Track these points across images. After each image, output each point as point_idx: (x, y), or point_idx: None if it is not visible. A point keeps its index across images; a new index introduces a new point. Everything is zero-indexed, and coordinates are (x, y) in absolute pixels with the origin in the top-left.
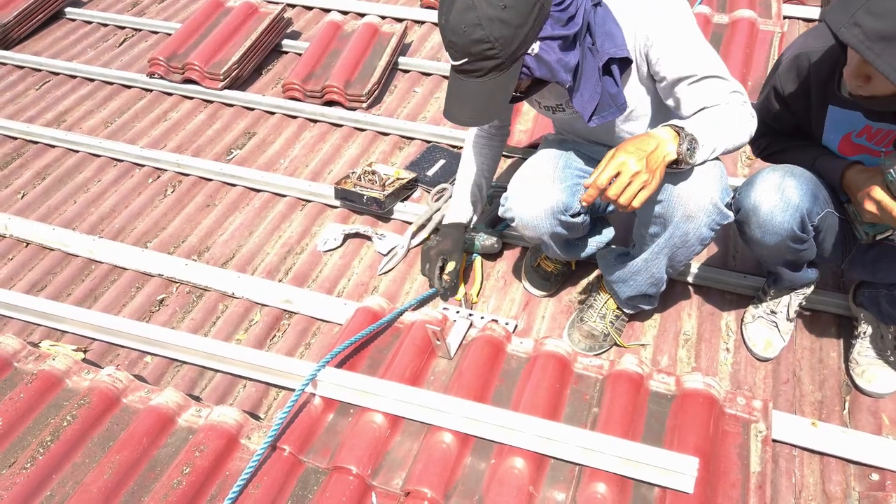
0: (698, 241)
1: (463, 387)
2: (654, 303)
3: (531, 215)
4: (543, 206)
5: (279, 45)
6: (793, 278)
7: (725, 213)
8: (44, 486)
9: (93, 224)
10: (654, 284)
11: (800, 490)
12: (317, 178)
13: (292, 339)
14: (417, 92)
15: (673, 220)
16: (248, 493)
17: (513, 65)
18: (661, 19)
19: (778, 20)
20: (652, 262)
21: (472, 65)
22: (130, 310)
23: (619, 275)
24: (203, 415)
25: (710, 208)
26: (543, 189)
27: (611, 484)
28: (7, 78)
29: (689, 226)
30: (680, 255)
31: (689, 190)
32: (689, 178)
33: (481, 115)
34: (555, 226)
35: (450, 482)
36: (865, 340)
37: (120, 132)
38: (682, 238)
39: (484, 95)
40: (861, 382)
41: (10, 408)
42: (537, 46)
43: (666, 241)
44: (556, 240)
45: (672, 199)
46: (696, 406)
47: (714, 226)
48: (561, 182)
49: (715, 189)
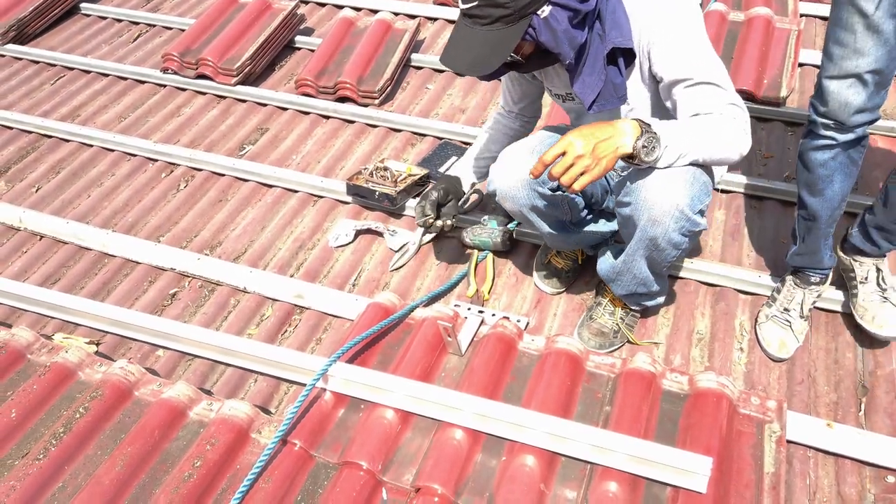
0: (671, 246)
1: (474, 384)
2: (658, 298)
3: (508, 185)
4: (520, 176)
5: (292, 41)
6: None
7: (695, 221)
8: (56, 477)
9: (106, 218)
10: (642, 284)
11: (814, 492)
12: (329, 173)
13: (303, 334)
14: (430, 89)
15: (639, 224)
16: (259, 487)
17: (520, 20)
18: (667, 19)
19: (794, 18)
20: (630, 263)
21: (481, 9)
22: (143, 303)
23: (608, 274)
24: (214, 408)
25: (675, 214)
26: (522, 159)
27: (623, 483)
28: (23, 73)
29: (656, 230)
30: (656, 257)
31: (654, 194)
32: (655, 182)
33: (477, 66)
34: (533, 197)
35: (460, 479)
36: (868, 285)
37: (133, 127)
38: (652, 242)
39: (486, 46)
40: (873, 329)
41: (23, 399)
42: (548, 10)
43: (637, 243)
44: (539, 215)
45: (638, 203)
46: (710, 405)
47: (684, 232)
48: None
49: (681, 195)
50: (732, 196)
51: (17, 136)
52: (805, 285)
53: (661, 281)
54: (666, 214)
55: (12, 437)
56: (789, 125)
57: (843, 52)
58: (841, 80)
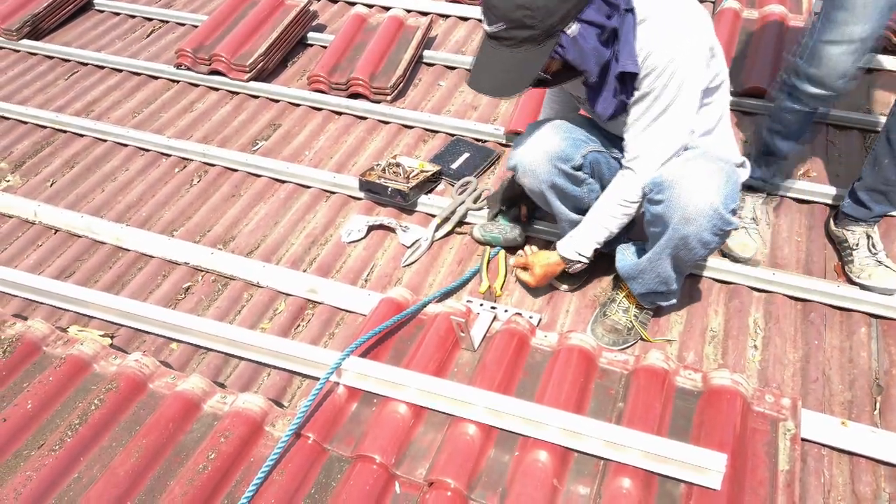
0: (701, 245)
1: (486, 379)
2: (672, 299)
3: (530, 158)
4: (543, 149)
5: (305, 37)
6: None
7: (728, 220)
8: (72, 468)
9: (120, 212)
10: (662, 283)
11: (829, 490)
12: (341, 169)
13: (316, 328)
14: (442, 85)
15: (671, 223)
16: (273, 480)
17: (547, 40)
18: (662, 75)
19: (808, 15)
20: (656, 262)
21: (507, 32)
22: (157, 297)
23: (629, 271)
24: (228, 402)
25: (710, 213)
26: (545, 135)
27: (636, 479)
28: (37, 68)
29: (689, 229)
30: (684, 256)
31: (689, 192)
32: (691, 180)
33: (505, 88)
34: (554, 174)
35: (473, 473)
36: (860, 251)
37: (147, 122)
38: (682, 241)
39: (513, 67)
40: (870, 282)
41: (39, 391)
42: (576, 28)
43: (667, 241)
44: (558, 194)
45: (671, 201)
46: (724, 403)
47: (716, 231)
48: (563, 132)
49: (716, 194)
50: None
51: (31, 131)
52: (752, 194)
53: (679, 280)
54: (700, 213)
55: (28, 427)
56: None
57: (847, 17)
58: (840, 45)
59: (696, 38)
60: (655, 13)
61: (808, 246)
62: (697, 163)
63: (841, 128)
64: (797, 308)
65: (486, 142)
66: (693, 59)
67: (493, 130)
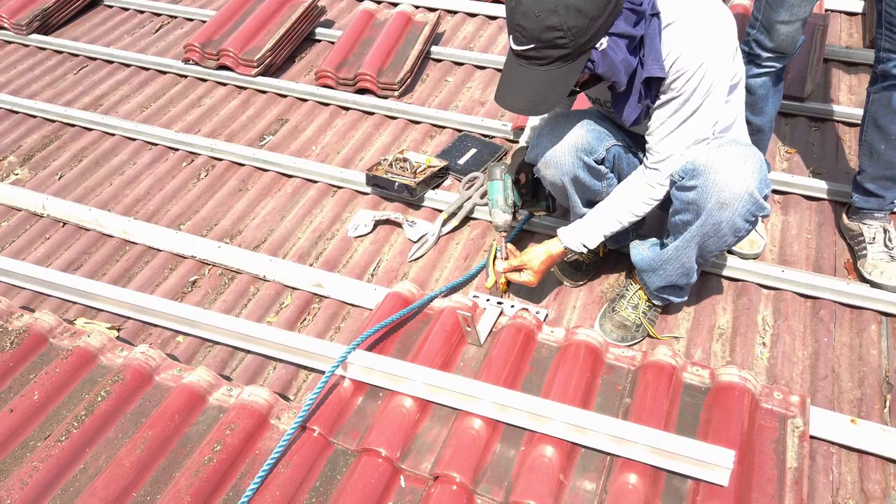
0: (731, 232)
1: (493, 374)
2: (684, 295)
3: (555, 150)
4: (568, 140)
5: (312, 33)
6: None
7: (762, 205)
8: (78, 458)
9: (128, 206)
10: (684, 275)
11: (837, 488)
12: (348, 164)
13: (322, 322)
14: (449, 81)
15: (706, 208)
16: (278, 472)
17: (579, 57)
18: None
19: (819, 12)
20: (683, 250)
21: (538, 52)
22: (163, 290)
23: (650, 263)
24: (234, 394)
25: (745, 197)
26: (569, 126)
27: (643, 475)
28: (46, 62)
29: (723, 214)
30: (711, 244)
31: (724, 177)
32: (725, 165)
33: (538, 106)
34: (577, 166)
35: (479, 468)
36: (876, 245)
37: (155, 116)
38: (715, 227)
39: (544, 85)
40: (882, 280)
41: (45, 382)
42: (605, 41)
43: (698, 228)
44: (578, 187)
45: (707, 186)
46: (731, 399)
47: (749, 216)
48: (587, 124)
49: (752, 178)
50: None
51: (40, 125)
52: None
53: (696, 274)
54: (736, 198)
55: (35, 418)
56: (813, 120)
57: (797, 2)
58: (793, 24)
59: (725, 40)
60: (683, 16)
61: (817, 243)
62: (731, 148)
63: (850, 125)
64: (806, 305)
65: (494, 137)
66: (722, 61)
67: (501, 126)
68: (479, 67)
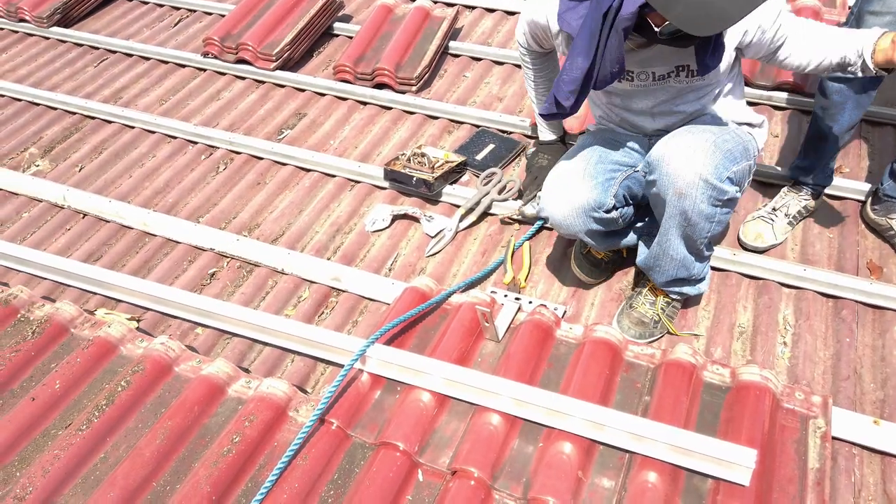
0: (703, 219)
1: (511, 370)
2: (699, 286)
3: (563, 214)
4: (574, 205)
5: (331, 27)
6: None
7: (722, 189)
8: (98, 448)
9: (147, 198)
10: (682, 267)
11: (859, 489)
12: (366, 159)
13: (340, 316)
14: (467, 76)
15: (667, 199)
16: (296, 464)
17: None
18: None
19: (843, 10)
20: (665, 244)
21: None
22: (182, 282)
23: (646, 262)
24: (252, 386)
25: (699, 184)
26: (574, 187)
27: (662, 473)
28: (67, 55)
29: (684, 203)
30: (689, 233)
31: (675, 166)
32: (676, 155)
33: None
34: (589, 223)
35: (497, 463)
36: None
37: (174, 110)
38: (683, 217)
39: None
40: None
41: (66, 371)
42: None
43: (669, 220)
44: (592, 236)
45: (662, 178)
46: (752, 399)
47: (713, 202)
48: (592, 179)
49: (703, 164)
50: (777, 189)
51: (61, 117)
52: (797, 192)
53: (701, 263)
54: (691, 185)
55: (56, 407)
56: None
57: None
58: (883, 17)
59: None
60: None
61: (840, 242)
62: (683, 136)
63: (875, 124)
64: (828, 305)
65: (512, 133)
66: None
67: (519, 122)
68: (498, 63)
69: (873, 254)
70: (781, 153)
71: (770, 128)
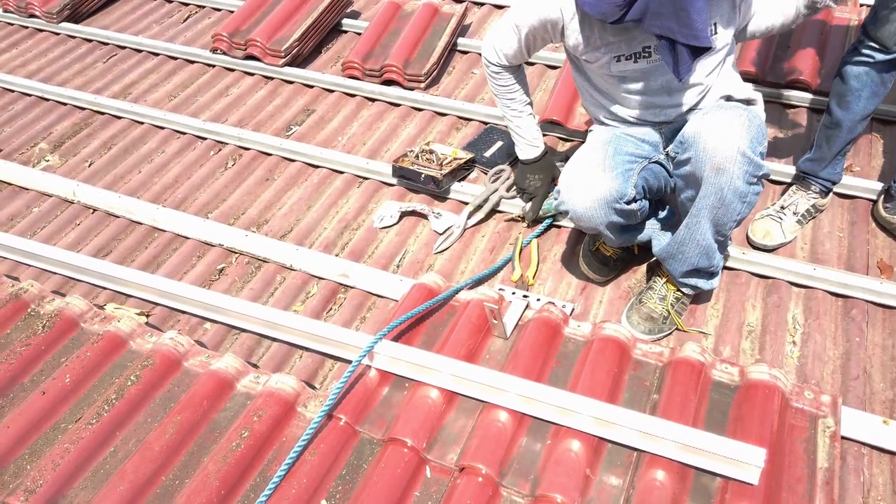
0: (737, 198)
1: (518, 367)
2: (713, 280)
3: (585, 206)
4: (596, 196)
5: (339, 24)
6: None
7: (758, 164)
8: (108, 441)
9: (156, 193)
10: (705, 255)
11: (868, 489)
12: (374, 155)
13: (348, 312)
14: (476, 73)
15: (703, 176)
16: (305, 460)
17: None
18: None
19: (854, 8)
20: (694, 227)
21: None
22: (191, 278)
23: (668, 250)
24: (261, 381)
25: (738, 158)
26: (595, 178)
27: (670, 472)
28: (76, 50)
29: (721, 179)
30: (721, 216)
31: (714, 141)
32: (712, 130)
33: None
34: (610, 215)
35: (505, 460)
36: None
37: (183, 105)
38: (718, 196)
39: None
40: None
41: (76, 366)
42: None
43: (702, 200)
44: (612, 229)
45: (698, 154)
46: (761, 398)
47: (748, 178)
48: (612, 170)
49: (741, 137)
50: (786, 188)
51: (71, 112)
52: (806, 190)
53: (720, 255)
54: (729, 160)
55: (66, 401)
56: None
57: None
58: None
59: None
60: None
61: (850, 241)
62: (717, 112)
63: (886, 122)
64: (838, 304)
65: None
66: None
67: None
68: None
69: (884, 253)
70: (791, 151)
71: (780, 126)
